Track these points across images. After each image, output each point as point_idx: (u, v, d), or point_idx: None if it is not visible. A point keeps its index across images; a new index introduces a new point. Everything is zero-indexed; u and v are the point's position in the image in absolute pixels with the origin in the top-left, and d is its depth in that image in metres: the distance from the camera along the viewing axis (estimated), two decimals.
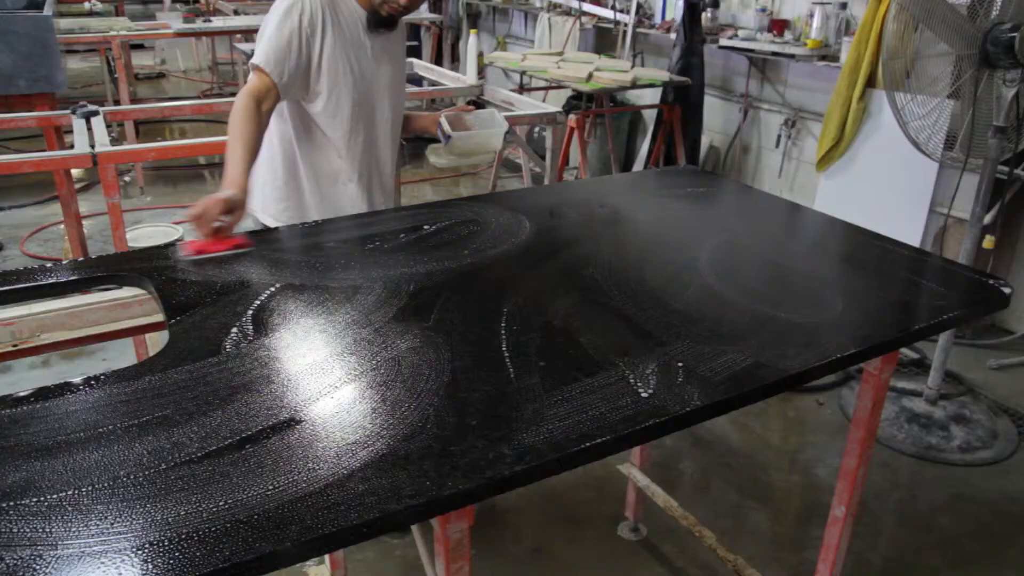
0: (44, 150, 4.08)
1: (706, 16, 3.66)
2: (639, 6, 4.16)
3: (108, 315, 1.18)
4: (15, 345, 1.13)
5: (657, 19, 4.06)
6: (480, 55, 2.67)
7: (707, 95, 3.79)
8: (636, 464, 1.93)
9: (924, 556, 1.96)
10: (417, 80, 3.02)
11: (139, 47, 6.97)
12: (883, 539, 2.02)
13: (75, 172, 3.40)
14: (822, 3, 3.23)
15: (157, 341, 2.34)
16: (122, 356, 2.63)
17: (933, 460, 2.32)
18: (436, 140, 1.76)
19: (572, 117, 3.14)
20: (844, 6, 3.17)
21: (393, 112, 1.74)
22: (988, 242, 2.40)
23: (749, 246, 1.45)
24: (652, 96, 4.07)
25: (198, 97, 6.14)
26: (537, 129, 2.98)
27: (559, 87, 3.86)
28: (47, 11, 2.55)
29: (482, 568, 1.85)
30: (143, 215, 3.84)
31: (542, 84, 3.99)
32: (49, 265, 1.24)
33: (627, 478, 1.92)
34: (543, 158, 2.46)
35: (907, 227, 2.88)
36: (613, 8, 4.17)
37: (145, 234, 3.06)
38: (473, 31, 2.73)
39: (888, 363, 1.30)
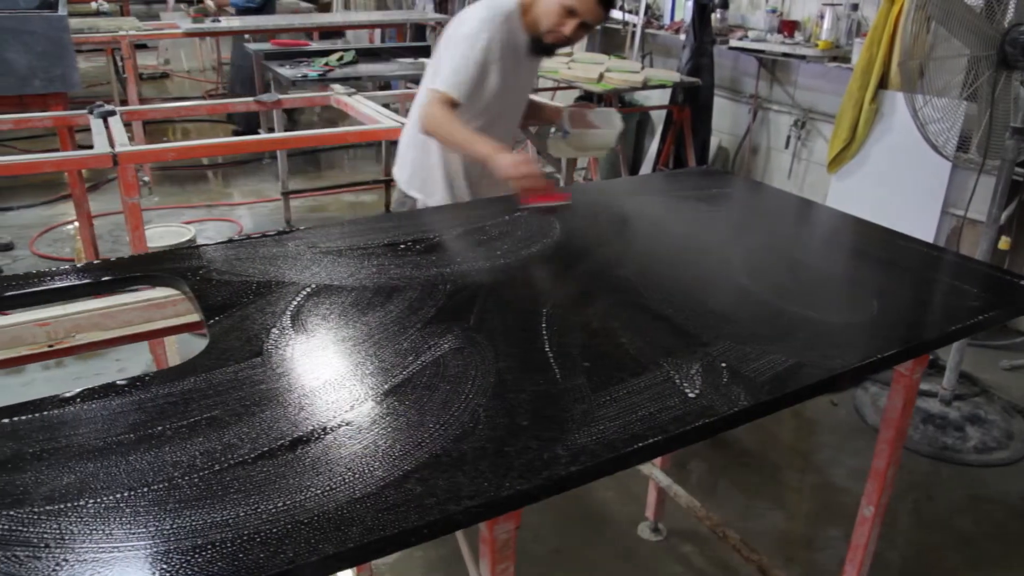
0: (50, 150, 4.08)
1: (715, 17, 3.66)
2: (647, 7, 4.16)
3: (142, 315, 1.17)
4: (50, 346, 1.13)
5: (666, 20, 4.06)
6: None
7: (716, 96, 3.80)
8: (657, 464, 1.93)
9: (943, 556, 1.96)
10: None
11: (142, 47, 6.95)
12: (902, 539, 2.02)
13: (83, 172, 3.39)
14: (832, 4, 3.24)
15: (174, 343, 2.35)
16: (136, 357, 2.62)
17: (949, 460, 2.32)
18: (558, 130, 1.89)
19: None
20: (855, 7, 3.18)
21: (516, 115, 1.91)
22: (1004, 243, 2.41)
23: (777, 246, 1.45)
24: (660, 97, 4.08)
25: (203, 97, 6.12)
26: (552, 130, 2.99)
27: (568, 87, 3.86)
28: (62, 11, 2.55)
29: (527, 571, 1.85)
30: (151, 215, 3.82)
31: (549, 85, 3.99)
32: (80, 265, 1.24)
33: (648, 478, 1.92)
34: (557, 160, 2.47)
35: (919, 228, 2.88)
36: (622, 9, 4.17)
37: (156, 234, 3.05)
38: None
39: (919, 364, 1.30)
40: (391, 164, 4.11)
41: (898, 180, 2.97)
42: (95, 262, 1.26)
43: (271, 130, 4.87)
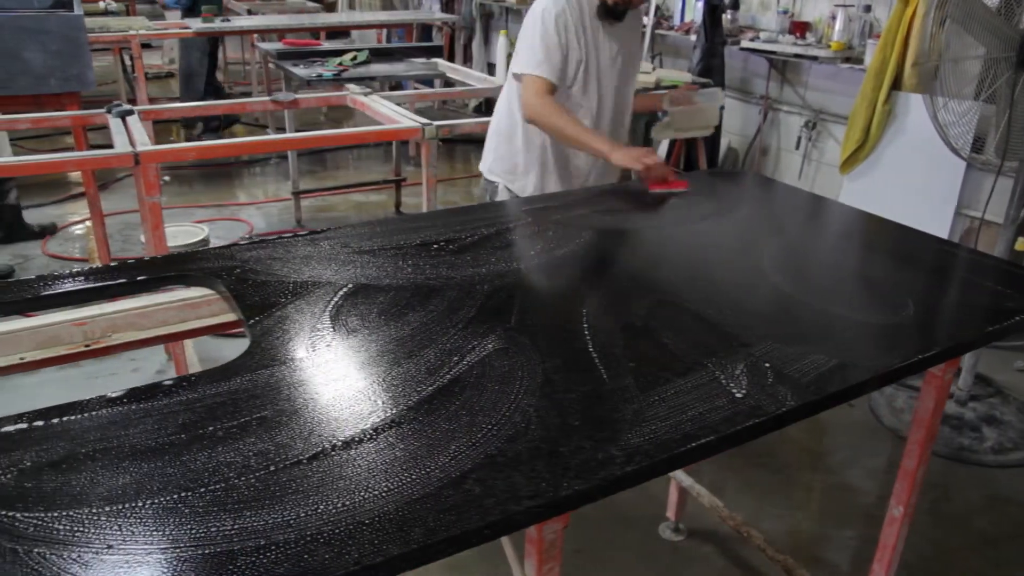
0: (57, 149, 4.06)
1: (726, 18, 3.67)
2: (657, 8, 4.17)
3: (177, 315, 1.17)
4: (87, 345, 1.12)
5: (676, 21, 4.07)
6: (509, 56, 2.67)
7: (727, 97, 3.80)
8: None
9: (962, 557, 1.96)
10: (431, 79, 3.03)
11: (147, 46, 6.93)
12: (921, 539, 2.02)
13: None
14: (844, 5, 3.24)
15: (190, 343, 2.34)
16: (151, 356, 2.61)
17: (966, 461, 2.32)
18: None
19: None
20: (868, 8, 3.18)
21: (617, 95, 1.92)
22: (1020, 244, 2.41)
23: (808, 246, 1.45)
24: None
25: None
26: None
27: None
28: (78, 10, 2.54)
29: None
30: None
31: None
32: (114, 265, 1.23)
33: (669, 478, 1.92)
34: None
35: (932, 229, 2.85)
36: None
37: (170, 233, 3.03)
38: (503, 32, 2.74)
39: (951, 365, 1.30)
40: (401, 164, 4.14)
41: (911, 181, 2.98)
42: (129, 261, 1.25)
43: (280, 130, 4.89)
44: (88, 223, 2.85)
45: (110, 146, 1.89)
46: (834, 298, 1.21)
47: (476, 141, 5.31)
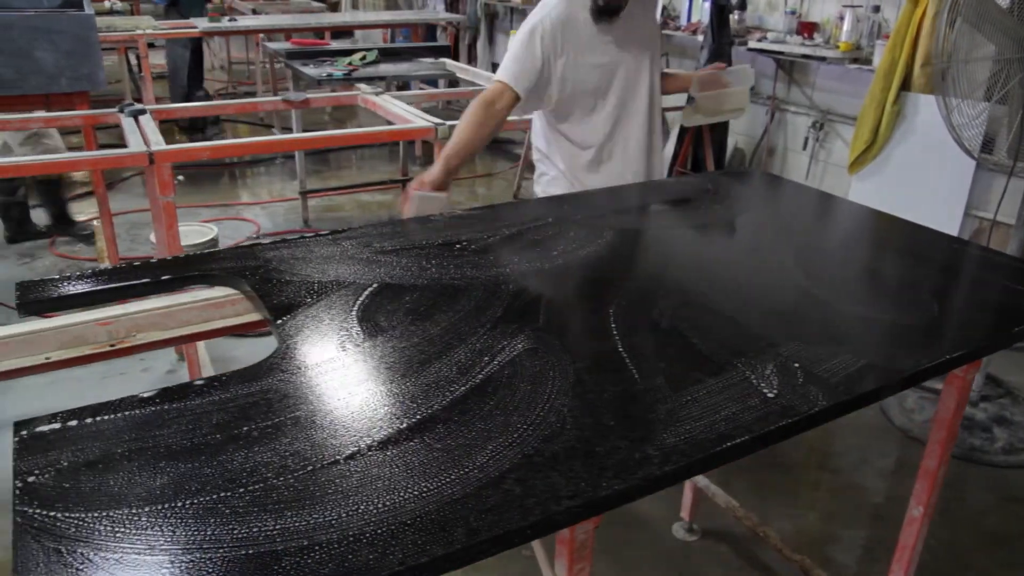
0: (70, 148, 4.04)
1: (733, 18, 3.67)
2: (664, 8, 4.17)
3: (200, 315, 1.17)
4: (112, 345, 1.12)
5: (683, 21, 4.07)
6: None
7: None
8: None
9: (975, 557, 1.97)
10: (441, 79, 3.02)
11: (150, 46, 6.94)
12: (934, 539, 2.02)
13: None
14: (853, 6, 3.24)
15: (203, 342, 2.32)
16: (163, 355, 2.61)
17: (977, 462, 2.32)
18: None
19: None
20: (877, 9, 3.18)
21: (650, 91, 1.89)
22: None
23: (828, 246, 1.45)
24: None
25: (213, 96, 6.11)
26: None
27: None
28: (88, 9, 2.54)
29: (535, 570, 1.85)
30: None
31: None
32: (137, 264, 1.23)
33: None
34: None
35: (941, 230, 2.89)
36: None
37: (180, 233, 3.04)
38: (512, 32, 2.73)
39: (974, 365, 1.31)
40: (408, 164, 4.13)
41: (920, 181, 2.98)
42: (152, 261, 1.25)
43: (285, 129, 4.89)
44: (96, 223, 2.85)
45: (113, 146, 1.89)
46: (857, 298, 1.21)
47: None
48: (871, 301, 1.20)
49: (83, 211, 3.87)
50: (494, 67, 5.95)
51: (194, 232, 2.89)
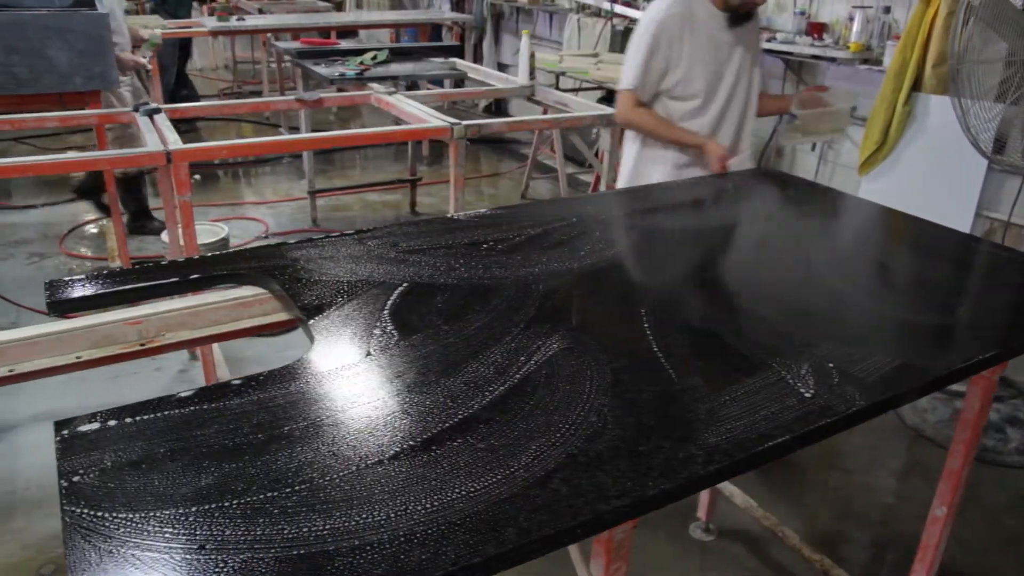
0: (62, 149, 4.04)
1: None
2: None
3: (229, 314, 1.17)
4: (142, 344, 1.12)
5: None
6: (532, 56, 2.67)
7: None
8: None
9: (992, 557, 1.97)
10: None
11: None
12: (950, 540, 2.02)
13: None
14: (863, 7, 3.24)
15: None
16: (175, 354, 2.60)
17: (991, 462, 2.32)
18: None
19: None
20: (888, 10, 3.18)
21: (738, 98, 1.97)
22: None
23: (854, 247, 1.46)
24: None
25: (227, 96, 6.10)
26: (595, 131, 3.00)
27: (594, 88, 3.86)
28: (101, 8, 2.53)
29: (551, 569, 1.84)
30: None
31: (570, 85, 3.99)
32: (164, 263, 1.23)
33: None
34: (581, 163, 2.47)
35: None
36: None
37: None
38: (525, 32, 2.73)
39: (1000, 365, 1.30)
40: (417, 164, 4.13)
41: (931, 182, 2.98)
42: (179, 260, 1.25)
43: (292, 129, 4.88)
44: (105, 222, 2.84)
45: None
46: (885, 298, 1.21)
47: (485, 141, 5.32)
48: (899, 301, 1.20)
49: (86, 212, 3.86)
50: (500, 67, 5.93)
51: (205, 231, 2.89)
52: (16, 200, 4.00)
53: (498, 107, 5.75)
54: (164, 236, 2.98)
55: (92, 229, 3.69)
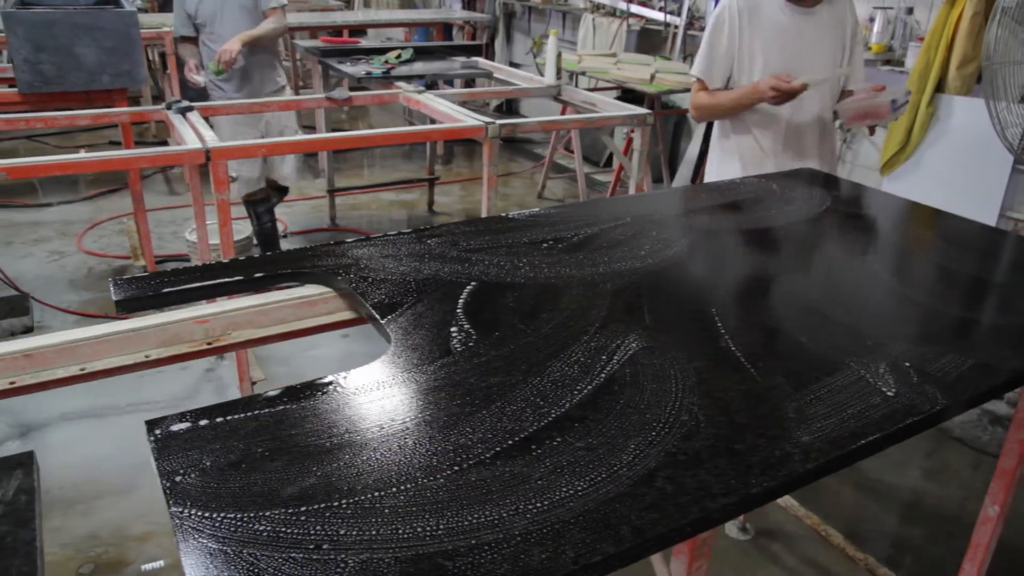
0: (75, 147, 4.02)
1: None
2: (688, 8, 4.17)
3: (294, 313, 1.16)
4: (208, 343, 1.11)
5: (708, 21, 4.07)
6: (559, 55, 2.66)
7: None
8: None
9: None
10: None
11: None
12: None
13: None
14: (884, 8, 3.25)
15: None
16: None
17: None
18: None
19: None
20: (910, 11, 3.19)
21: (830, 91, 1.95)
22: None
23: (908, 247, 1.46)
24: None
25: None
26: (626, 130, 2.99)
27: (611, 88, 3.86)
28: (128, 6, 2.52)
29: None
30: (190, 212, 3.80)
31: (584, 85, 3.99)
32: (227, 262, 1.22)
33: None
34: (596, 163, 2.46)
35: None
36: (662, 10, 4.18)
37: (212, 231, 3.03)
38: (553, 32, 2.73)
39: None
40: (435, 163, 4.12)
41: (953, 183, 2.99)
42: (240, 259, 1.24)
43: (307, 128, 4.86)
44: (128, 220, 2.83)
45: (118, 144, 1.86)
46: (946, 298, 1.21)
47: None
48: (961, 301, 1.21)
49: (105, 209, 3.84)
50: (512, 66, 5.94)
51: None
52: (30, 198, 3.99)
53: (509, 107, 5.75)
54: (188, 234, 2.97)
55: (111, 227, 3.67)
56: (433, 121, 2.75)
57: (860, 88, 1.93)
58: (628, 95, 3.84)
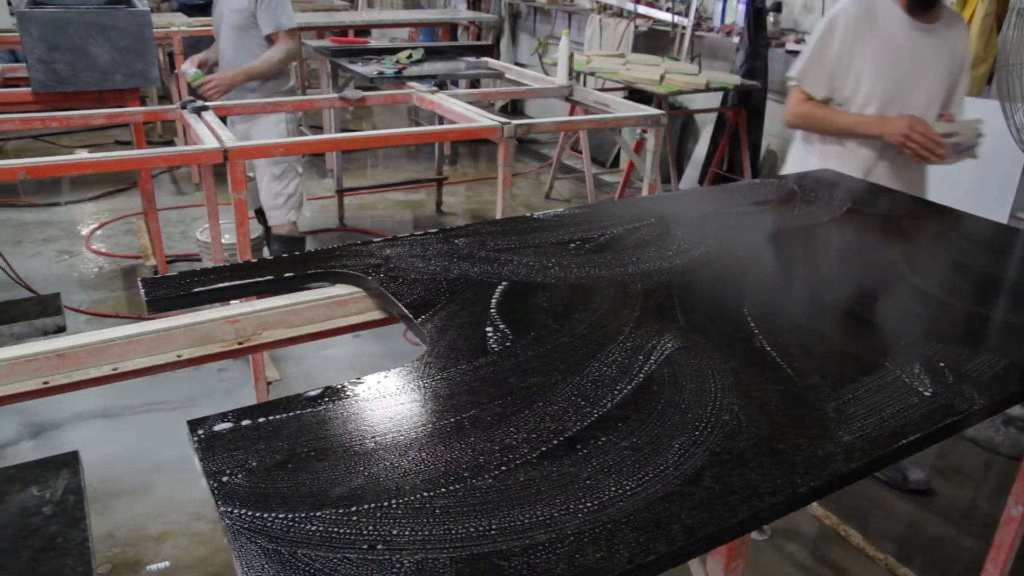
0: (82, 146, 4.01)
1: (769, 20, 3.68)
2: (696, 9, 4.17)
3: (325, 313, 1.16)
4: (239, 343, 1.11)
5: (716, 22, 4.08)
6: (571, 56, 2.67)
7: (769, 99, 3.81)
8: None
9: None
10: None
11: None
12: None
13: None
14: None
15: None
16: None
17: None
18: None
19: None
20: None
21: (923, 104, 1.85)
22: None
23: (931, 248, 1.46)
24: (705, 100, 4.08)
25: None
26: (639, 131, 3.00)
27: (619, 88, 3.86)
28: (142, 6, 2.52)
29: None
30: (200, 211, 3.80)
31: (592, 85, 3.99)
32: (256, 261, 1.22)
33: None
34: (603, 163, 2.46)
35: None
36: (670, 11, 4.18)
37: (225, 229, 3.02)
38: (565, 32, 2.73)
39: None
40: (443, 163, 4.12)
41: (963, 184, 2.99)
42: (270, 259, 1.24)
43: (313, 128, 4.86)
44: (138, 220, 2.83)
45: (126, 143, 1.85)
46: (974, 298, 1.22)
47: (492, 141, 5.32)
48: (992, 301, 1.21)
49: (111, 209, 3.84)
50: (517, 66, 5.95)
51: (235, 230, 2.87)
52: (37, 198, 3.98)
53: (514, 107, 5.76)
54: (200, 233, 2.97)
55: (118, 226, 3.67)
56: (443, 121, 2.75)
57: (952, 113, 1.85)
58: (635, 96, 3.84)
